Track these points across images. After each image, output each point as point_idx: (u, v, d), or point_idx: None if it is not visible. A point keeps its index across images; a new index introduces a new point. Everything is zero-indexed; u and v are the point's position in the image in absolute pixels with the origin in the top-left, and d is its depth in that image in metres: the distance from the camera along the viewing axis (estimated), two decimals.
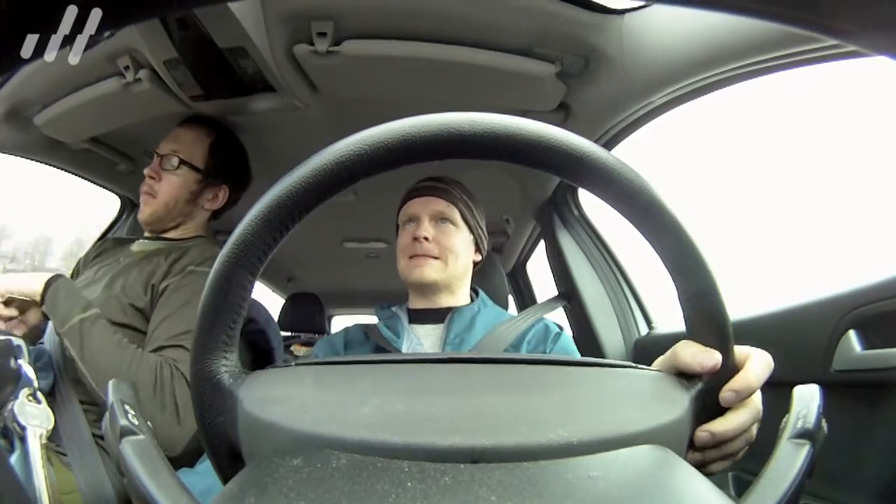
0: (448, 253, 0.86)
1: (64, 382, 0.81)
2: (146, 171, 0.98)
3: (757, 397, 0.37)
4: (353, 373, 0.37)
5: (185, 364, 0.81)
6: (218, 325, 0.34)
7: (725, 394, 0.35)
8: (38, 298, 0.83)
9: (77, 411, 0.79)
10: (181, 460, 0.79)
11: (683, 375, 0.36)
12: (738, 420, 0.35)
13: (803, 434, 0.31)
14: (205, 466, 0.75)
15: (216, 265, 0.33)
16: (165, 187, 0.97)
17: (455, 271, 0.87)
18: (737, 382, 0.35)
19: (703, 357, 0.34)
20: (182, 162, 0.98)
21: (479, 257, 0.94)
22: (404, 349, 0.83)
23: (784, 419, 0.33)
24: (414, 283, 0.87)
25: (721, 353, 0.35)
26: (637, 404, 0.33)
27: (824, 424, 0.32)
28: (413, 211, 0.88)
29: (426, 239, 0.84)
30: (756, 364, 0.36)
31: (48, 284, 0.83)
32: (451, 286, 0.89)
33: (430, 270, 0.85)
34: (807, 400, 0.33)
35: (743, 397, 0.35)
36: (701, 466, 0.35)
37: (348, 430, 0.29)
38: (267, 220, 0.31)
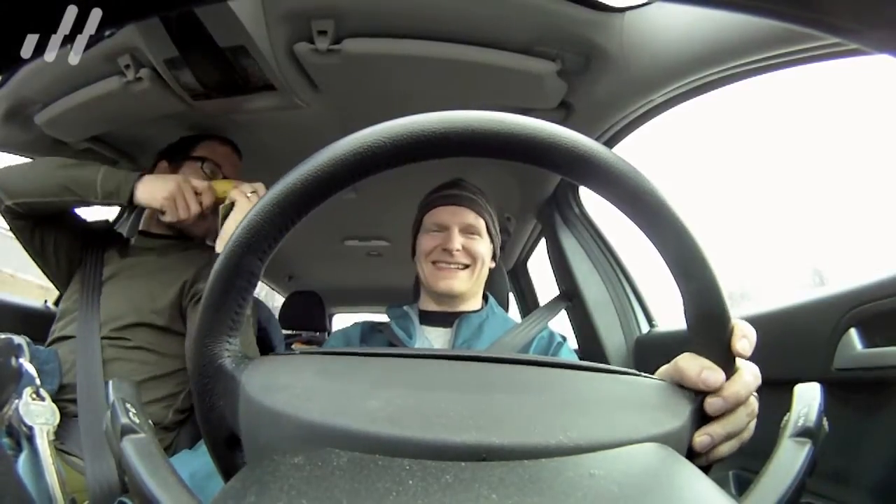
0: (474, 262, 0.88)
1: (93, 380, 0.82)
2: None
3: (752, 398, 0.37)
4: (358, 364, 0.37)
5: None
6: (224, 307, 0.34)
7: (713, 400, 0.35)
8: None
9: (103, 411, 0.80)
10: (183, 445, 0.81)
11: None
12: (734, 423, 0.35)
13: (804, 432, 0.31)
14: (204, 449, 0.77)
15: (227, 248, 0.33)
16: None
17: (478, 279, 0.90)
18: (727, 391, 0.35)
19: (708, 376, 0.35)
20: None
21: (493, 265, 0.97)
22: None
23: (785, 417, 0.33)
24: (441, 292, 0.89)
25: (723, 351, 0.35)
26: (642, 411, 0.33)
27: (825, 423, 0.32)
28: (442, 220, 0.89)
29: (457, 251, 0.87)
30: (746, 375, 0.36)
31: None
32: (470, 293, 0.92)
33: (459, 283, 0.87)
34: (808, 398, 0.34)
35: (730, 406, 0.35)
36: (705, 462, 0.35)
37: (356, 422, 0.28)
38: (281, 206, 0.32)
